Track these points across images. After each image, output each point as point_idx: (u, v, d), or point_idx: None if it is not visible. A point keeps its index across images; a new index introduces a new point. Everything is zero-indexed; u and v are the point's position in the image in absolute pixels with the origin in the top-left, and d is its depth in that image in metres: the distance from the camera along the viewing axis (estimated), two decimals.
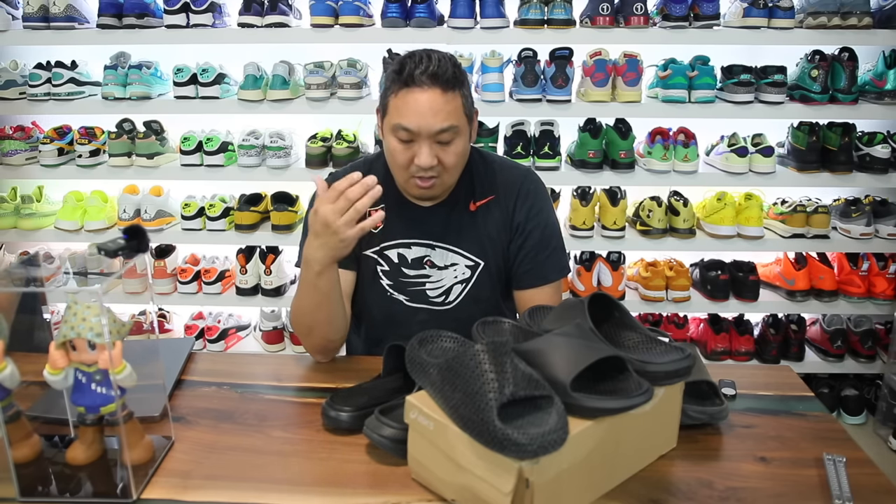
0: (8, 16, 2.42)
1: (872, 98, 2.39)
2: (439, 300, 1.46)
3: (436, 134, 1.28)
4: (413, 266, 1.45)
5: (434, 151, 1.30)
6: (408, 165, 1.32)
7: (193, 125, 2.56)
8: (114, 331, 0.93)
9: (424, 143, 1.29)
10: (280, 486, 1.00)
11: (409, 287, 1.46)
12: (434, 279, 1.45)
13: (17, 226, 2.52)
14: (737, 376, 1.30)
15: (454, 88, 1.30)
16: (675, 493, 0.99)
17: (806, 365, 2.58)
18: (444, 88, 1.28)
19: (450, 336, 1.11)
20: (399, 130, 1.30)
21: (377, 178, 1.19)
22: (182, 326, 2.72)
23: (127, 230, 0.99)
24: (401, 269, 1.45)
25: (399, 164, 1.33)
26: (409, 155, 1.31)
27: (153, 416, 1.12)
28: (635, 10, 2.28)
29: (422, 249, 1.45)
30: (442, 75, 1.27)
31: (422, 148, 1.29)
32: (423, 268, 1.45)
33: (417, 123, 1.27)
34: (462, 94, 1.32)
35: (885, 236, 2.44)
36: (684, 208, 2.45)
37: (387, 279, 1.46)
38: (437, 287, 1.46)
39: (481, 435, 0.86)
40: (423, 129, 1.28)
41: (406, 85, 1.28)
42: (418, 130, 1.28)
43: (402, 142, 1.31)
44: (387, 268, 1.45)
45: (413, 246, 1.45)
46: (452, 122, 1.29)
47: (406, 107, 1.28)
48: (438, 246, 1.45)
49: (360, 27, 2.35)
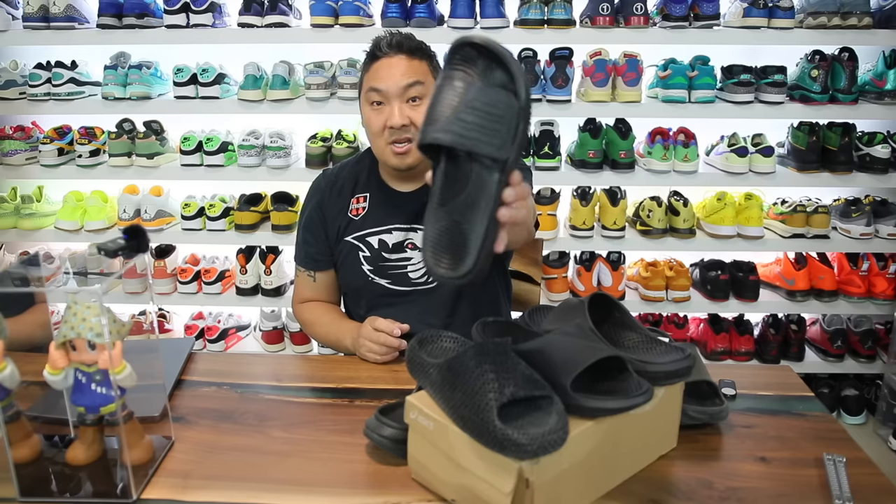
0: (8, 16, 2.42)
1: (872, 98, 2.39)
2: (422, 281, 1.48)
3: (403, 90, 1.36)
4: (394, 250, 1.48)
5: (405, 112, 1.36)
6: (382, 130, 1.38)
7: (193, 125, 2.56)
8: (114, 331, 0.93)
9: (395, 101, 1.36)
10: (280, 486, 1.00)
11: (391, 270, 1.49)
12: (415, 261, 1.48)
13: (17, 226, 2.52)
14: (737, 376, 1.30)
15: (420, 57, 1.40)
16: (675, 493, 0.99)
17: (806, 365, 2.58)
18: (409, 55, 1.38)
19: (450, 336, 1.11)
20: (370, 93, 1.38)
21: (408, 327, 1.36)
22: (182, 326, 2.72)
23: (127, 230, 0.99)
24: (381, 254, 1.48)
25: (374, 132, 1.40)
26: (382, 119, 1.38)
27: (153, 416, 1.12)
28: (635, 10, 2.28)
29: (402, 234, 1.48)
30: (405, 43, 1.39)
31: (392, 108, 1.36)
32: (405, 251, 1.48)
33: (385, 83, 1.36)
34: (429, 64, 1.42)
35: (885, 236, 2.44)
36: (684, 208, 2.45)
37: (367, 264, 1.49)
38: (419, 268, 1.48)
39: (481, 435, 0.86)
40: (391, 87, 1.36)
41: (375, 58, 1.40)
42: (387, 89, 1.36)
43: (375, 106, 1.38)
44: (367, 253, 1.49)
45: (394, 231, 1.48)
46: (419, 78, 1.37)
47: (375, 73, 1.39)
48: (419, 228, 1.47)
49: (360, 27, 2.35)
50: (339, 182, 1.53)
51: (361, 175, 1.53)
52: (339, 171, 1.56)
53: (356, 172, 1.54)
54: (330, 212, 1.52)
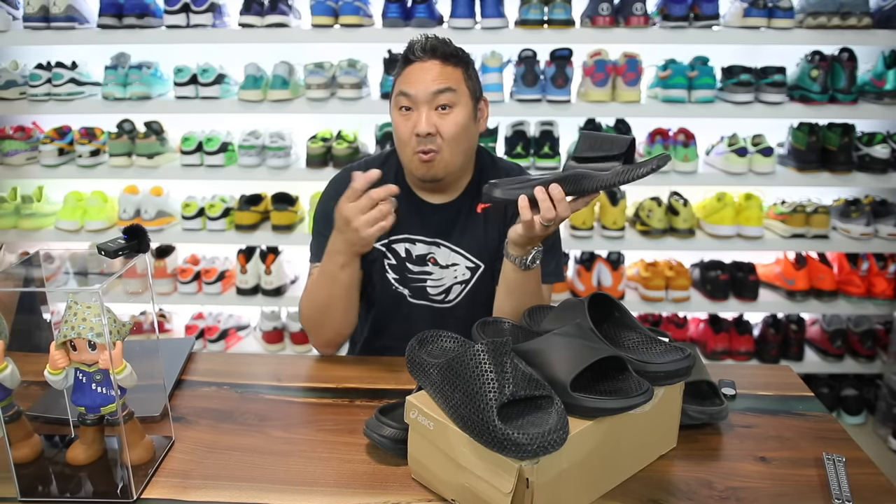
0: (8, 16, 2.42)
1: (872, 98, 2.39)
2: (439, 298, 1.47)
3: (433, 97, 1.31)
4: (417, 262, 1.46)
5: (432, 119, 1.31)
6: (409, 137, 1.33)
7: (193, 125, 2.56)
8: (114, 331, 0.93)
9: (423, 107, 1.31)
10: (280, 486, 1.00)
11: (412, 283, 1.46)
12: (435, 277, 1.46)
13: (17, 226, 2.52)
14: (737, 376, 1.30)
15: (455, 64, 1.34)
16: (675, 493, 0.99)
17: (806, 365, 2.58)
18: (443, 60, 1.33)
19: (450, 336, 1.11)
20: (399, 97, 1.34)
21: (381, 173, 1.23)
22: (182, 326, 2.72)
23: (127, 230, 0.99)
24: (406, 263, 1.46)
25: (402, 139, 1.35)
26: (409, 125, 1.33)
27: (153, 416, 1.13)
28: (635, 10, 2.28)
29: (426, 247, 1.45)
30: (440, 48, 1.33)
31: (420, 114, 1.31)
32: (426, 265, 1.45)
33: (415, 87, 1.31)
34: (464, 71, 1.35)
35: (885, 236, 2.44)
36: (684, 208, 2.45)
37: (393, 272, 1.47)
38: (438, 286, 1.46)
39: (481, 435, 0.86)
40: (421, 91, 1.31)
41: (408, 61, 1.34)
42: (416, 94, 1.31)
43: (404, 111, 1.34)
44: (393, 261, 1.46)
45: (418, 242, 1.45)
46: (450, 85, 1.32)
47: (407, 77, 1.34)
48: (443, 244, 1.45)
49: (360, 27, 2.35)
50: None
51: (388, 177, 1.46)
52: (365, 168, 1.51)
53: (383, 174, 1.45)
54: None
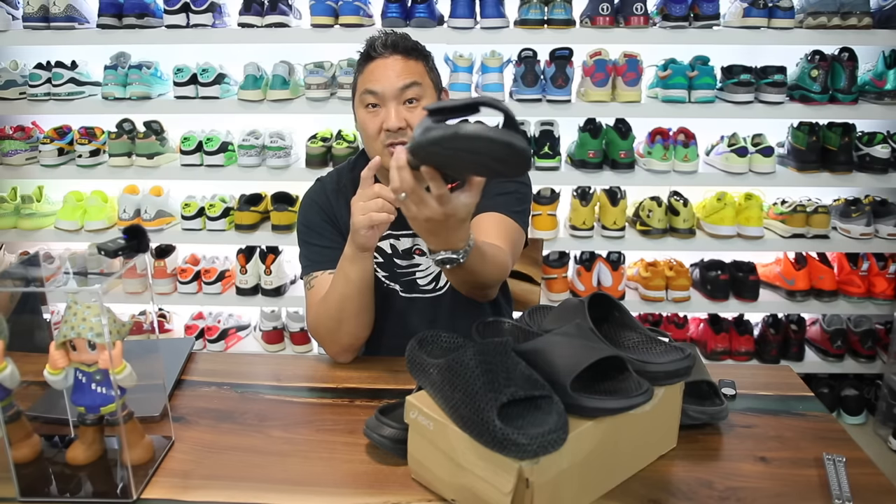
0: (8, 16, 2.42)
1: (872, 98, 2.39)
2: (429, 287, 1.47)
3: (400, 92, 1.31)
4: (404, 256, 1.47)
5: (401, 113, 1.32)
6: (378, 133, 1.33)
7: (193, 125, 2.56)
8: (114, 331, 0.93)
9: (391, 103, 1.32)
10: (280, 486, 1.00)
11: (402, 277, 1.47)
12: (423, 267, 1.47)
13: (17, 226, 2.52)
14: (737, 376, 1.30)
15: (416, 58, 1.35)
16: (675, 493, 0.99)
17: (806, 365, 2.58)
18: (405, 55, 1.34)
19: (450, 336, 1.11)
20: (365, 95, 1.34)
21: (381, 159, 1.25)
22: (182, 326, 2.72)
23: (127, 230, 0.99)
24: (393, 259, 1.47)
25: (370, 135, 1.35)
26: (377, 122, 1.33)
27: (153, 416, 1.12)
28: (635, 10, 2.28)
29: (410, 239, 1.46)
30: (401, 44, 1.34)
31: (389, 110, 1.32)
32: (413, 257, 1.47)
33: (381, 84, 1.31)
34: (426, 64, 1.38)
35: (885, 236, 2.44)
36: (684, 208, 2.45)
37: (382, 270, 1.48)
38: (427, 274, 1.47)
39: (481, 435, 0.86)
40: (387, 88, 1.31)
41: (369, 58, 1.35)
42: (382, 91, 1.31)
43: (370, 108, 1.34)
44: (381, 259, 1.47)
45: (402, 237, 1.46)
46: (415, 79, 1.33)
47: (370, 75, 1.34)
48: None
49: (360, 27, 2.35)
50: (340, 187, 1.48)
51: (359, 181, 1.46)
52: (337, 178, 1.51)
53: (354, 179, 1.44)
54: (340, 213, 1.45)
